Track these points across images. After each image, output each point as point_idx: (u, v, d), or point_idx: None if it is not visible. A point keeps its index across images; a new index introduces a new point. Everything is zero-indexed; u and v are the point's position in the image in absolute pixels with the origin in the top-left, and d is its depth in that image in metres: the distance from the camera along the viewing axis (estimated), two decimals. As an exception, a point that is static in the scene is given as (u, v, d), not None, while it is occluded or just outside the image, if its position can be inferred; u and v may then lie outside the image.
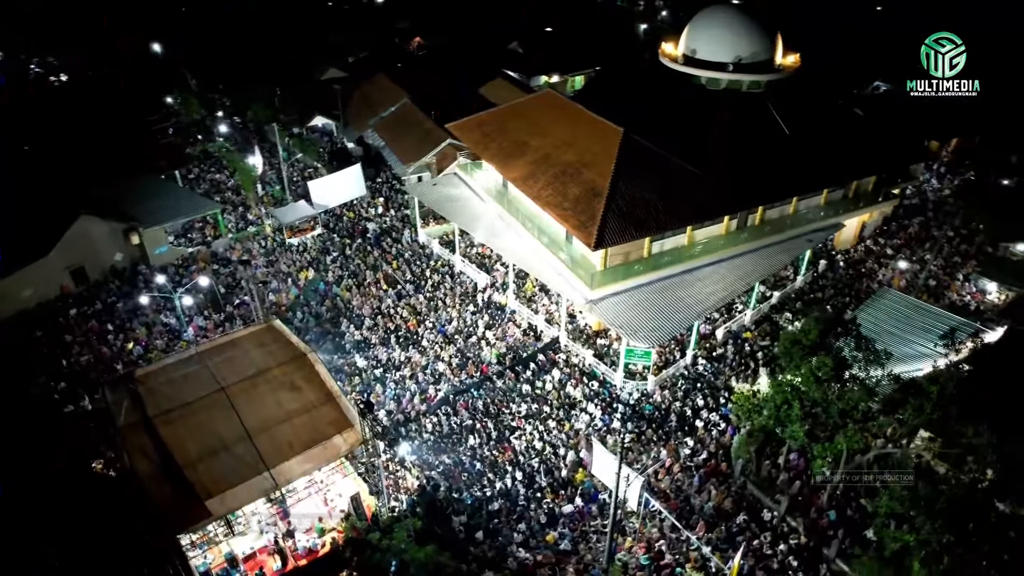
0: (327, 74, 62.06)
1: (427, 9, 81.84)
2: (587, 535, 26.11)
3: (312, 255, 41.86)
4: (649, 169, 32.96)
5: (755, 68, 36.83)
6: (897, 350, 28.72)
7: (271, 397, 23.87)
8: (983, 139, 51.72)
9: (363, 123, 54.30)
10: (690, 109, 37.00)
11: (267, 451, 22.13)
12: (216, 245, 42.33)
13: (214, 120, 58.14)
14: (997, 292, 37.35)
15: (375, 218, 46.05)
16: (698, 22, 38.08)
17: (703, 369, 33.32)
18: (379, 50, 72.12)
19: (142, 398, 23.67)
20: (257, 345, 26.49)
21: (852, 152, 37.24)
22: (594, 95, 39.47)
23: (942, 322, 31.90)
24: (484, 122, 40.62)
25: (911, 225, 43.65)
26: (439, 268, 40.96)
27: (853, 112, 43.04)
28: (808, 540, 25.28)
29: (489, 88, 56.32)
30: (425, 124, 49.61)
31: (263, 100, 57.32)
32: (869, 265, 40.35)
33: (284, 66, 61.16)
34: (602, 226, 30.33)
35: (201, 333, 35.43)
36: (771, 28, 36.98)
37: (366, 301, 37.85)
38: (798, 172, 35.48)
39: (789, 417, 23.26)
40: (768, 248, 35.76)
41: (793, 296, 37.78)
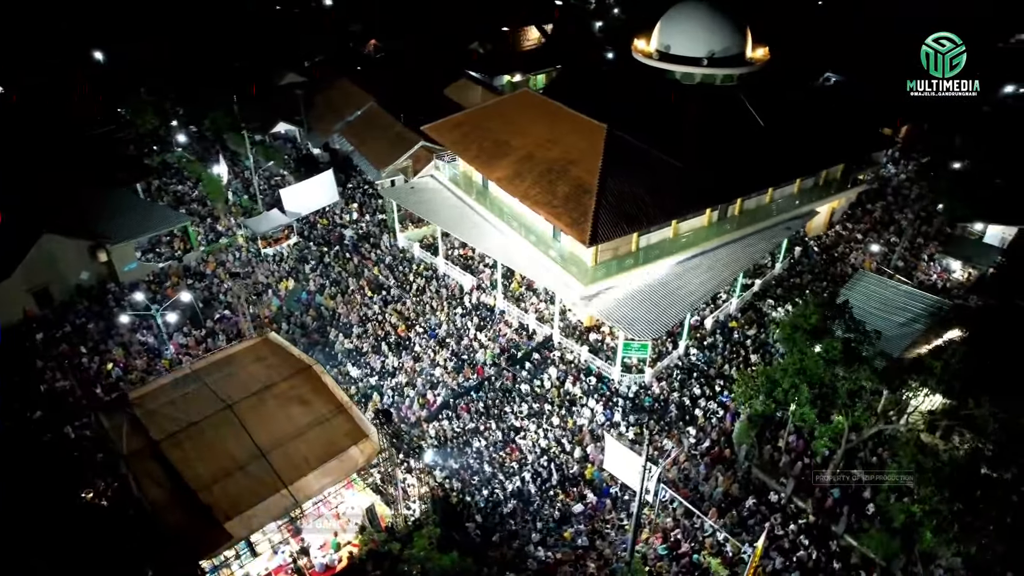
0: (286, 79, 60.65)
1: (381, 11, 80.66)
2: (603, 529, 26.25)
3: (290, 264, 40.81)
4: (634, 164, 33.35)
5: (728, 62, 37.74)
6: (883, 330, 29.84)
7: (280, 412, 23.15)
8: (930, 125, 54.30)
9: (328, 128, 53.25)
10: (666, 104, 37.59)
11: (283, 468, 21.46)
12: (188, 259, 40.83)
13: (169, 130, 56.18)
14: (961, 270, 39.24)
15: (350, 224, 45.20)
16: (671, 18, 38.75)
17: (695, 359, 33.93)
18: (334, 54, 70.95)
19: (142, 422, 22.60)
20: (256, 360, 25.64)
21: (821, 141, 38.51)
22: (563, 93, 39.55)
23: (917, 301, 33.32)
24: (461, 123, 40.37)
25: (875, 210, 45.49)
26: (422, 272, 40.52)
27: (819, 103, 44.48)
28: (817, 519, 26.07)
29: (454, 89, 56.08)
30: (395, 127, 48.99)
31: (221, 108, 55.74)
32: (841, 250, 41.86)
33: (240, 72, 59.41)
34: (595, 222, 30.53)
35: (183, 351, 34.14)
36: (741, 22, 37.90)
37: (352, 309, 37.15)
38: (773, 162, 36.46)
39: (798, 400, 23.90)
40: (749, 237, 36.65)
41: (774, 283, 38.87)
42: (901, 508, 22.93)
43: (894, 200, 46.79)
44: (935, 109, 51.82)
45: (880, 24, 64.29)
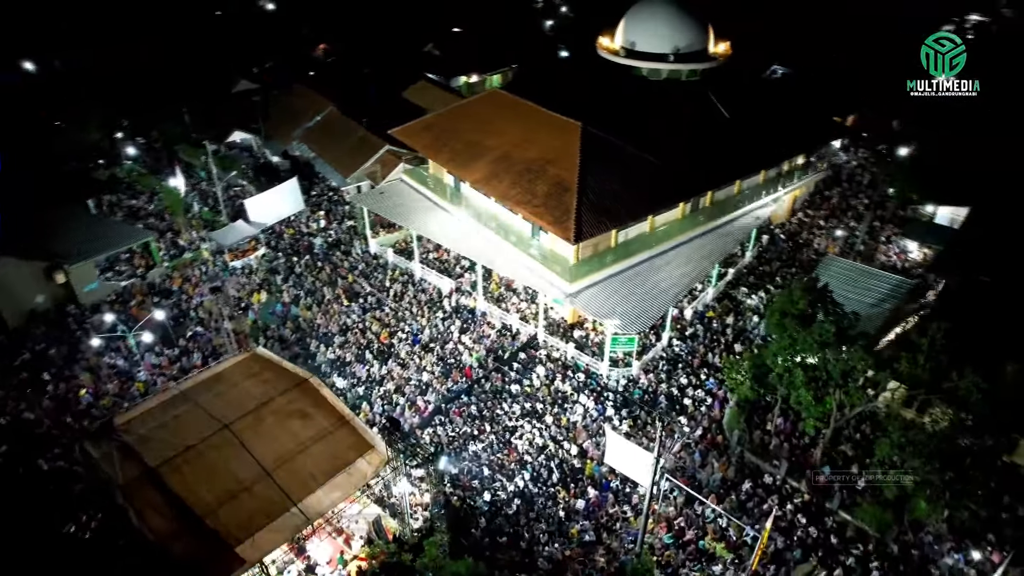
0: (238, 86, 58.89)
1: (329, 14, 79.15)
2: (608, 523, 26.47)
3: (261, 277, 39.65)
4: (610, 161, 33.75)
5: (692, 58, 38.58)
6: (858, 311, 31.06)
7: (281, 429, 22.47)
8: (872, 113, 56.76)
9: (287, 135, 52.06)
10: (635, 100, 38.19)
11: (290, 486, 20.84)
12: (152, 276, 39.22)
13: (114, 142, 53.90)
14: (917, 250, 41.16)
15: (319, 232, 44.23)
16: (635, 16, 39.37)
17: (678, 349, 34.55)
18: (284, 59, 69.24)
19: (135, 449, 21.58)
20: (247, 376, 24.80)
21: (783, 132, 39.80)
22: (529, 92, 39.57)
23: (883, 281, 34.91)
24: (431, 125, 40.05)
25: (832, 196, 47.28)
26: (398, 277, 39.99)
27: (778, 95, 45.89)
28: (811, 497, 26.94)
29: (413, 92, 55.57)
30: (358, 132, 48.23)
31: (172, 117, 53.84)
32: (804, 236, 43.32)
33: (190, 80, 57.41)
34: (578, 220, 30.77)
35: (157, 371, 32.79)
36: (703, 19, 38.79)
37: (331, 319, 36.38)
38: (741, 154, 37.48)
39: (793, 384, 24.64)
40: (721, 228, 37.57)
41: (745, 271, 39.92)
42: (893, 481, 23.98)
43: (848, 186, 48.73)
44: (880, 98, 54.56)
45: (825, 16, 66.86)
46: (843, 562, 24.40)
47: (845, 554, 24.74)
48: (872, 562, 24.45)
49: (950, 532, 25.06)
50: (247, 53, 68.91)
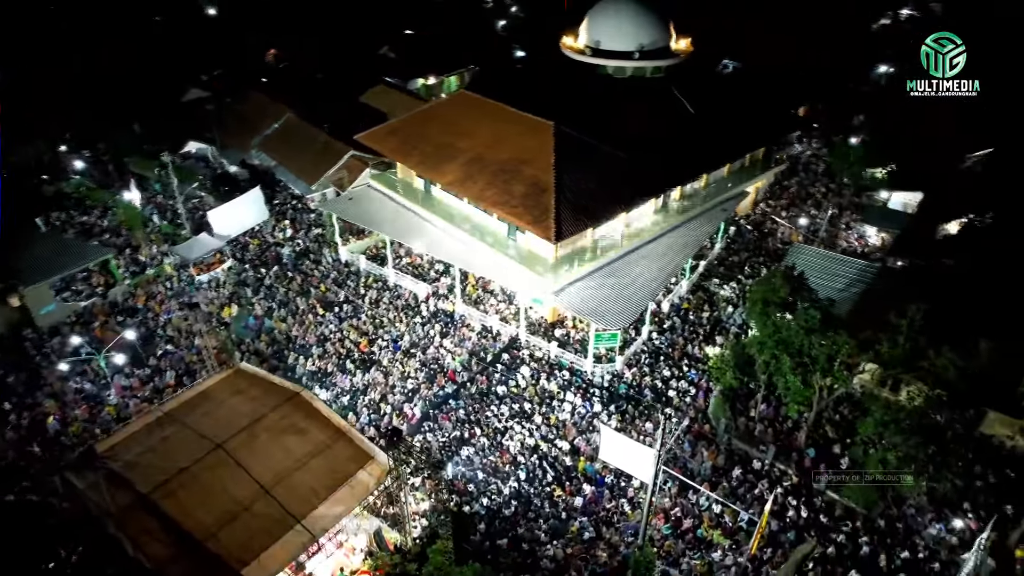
0: (188, 95, 56.98)
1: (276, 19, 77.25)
2: (607, 518, 26.67)
3: (229, 290, 38.49)
4: (585, 159, 34.00)
5: (656, 55, 39.19)
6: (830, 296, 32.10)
7: (276, 445, 21.85)
8: (824, 105, 58.83)
9: (245, 144, 50.63)
10: (602, 98, 38.59)
11: (291, 503, 20.31)
12: (113, 294, 37.63)
13: (58, 156, 51.61)
14: (876, 235, 42.82)
15: (286, 242, 43.20)
16: (598, 14, 39.74)
17: (658, 342, 35.06)
18: (233, 66, 67.29)
19: (124, 475, 20.67)
20: (234, 393, 24.04)
21: (746, 125, 40.83)
22: (493, 93, 39.53)
23: (849, 267, 36.09)
24: (398, 129, 39.61)
25: (791, 186, 48.75)
26: (372, 284, 39.40)
27: (737, 89, 47.02)
28: (799, 479, 27.72)
29: (371, 96, 54.77)
30: (319, 138, 47.23)
31: (120, 128, 51.88)
32: (768, 226, 44.53)
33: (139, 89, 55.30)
34: (558, 219, 30.89)
35: (128, 394, 31.49)
36: (666, 16, 39.47)
37: (307, 330, 35.59)
38: (708, 148, 38.30)
39: (780, 370, 25.30)
40: (692, 221, 38.25)
41: (716, 263, 40.78)
42: (878, 457, 24.87)
43: (805, 175, 50.34)
44: (828, 90, 56.65)
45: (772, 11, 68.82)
46: (835, 539, 25.21)
47: (836, 532, 25.57)
48: (861, 537, 25.34)
49: (930, 504, 26.19)
50: (194, 60, 66.80)
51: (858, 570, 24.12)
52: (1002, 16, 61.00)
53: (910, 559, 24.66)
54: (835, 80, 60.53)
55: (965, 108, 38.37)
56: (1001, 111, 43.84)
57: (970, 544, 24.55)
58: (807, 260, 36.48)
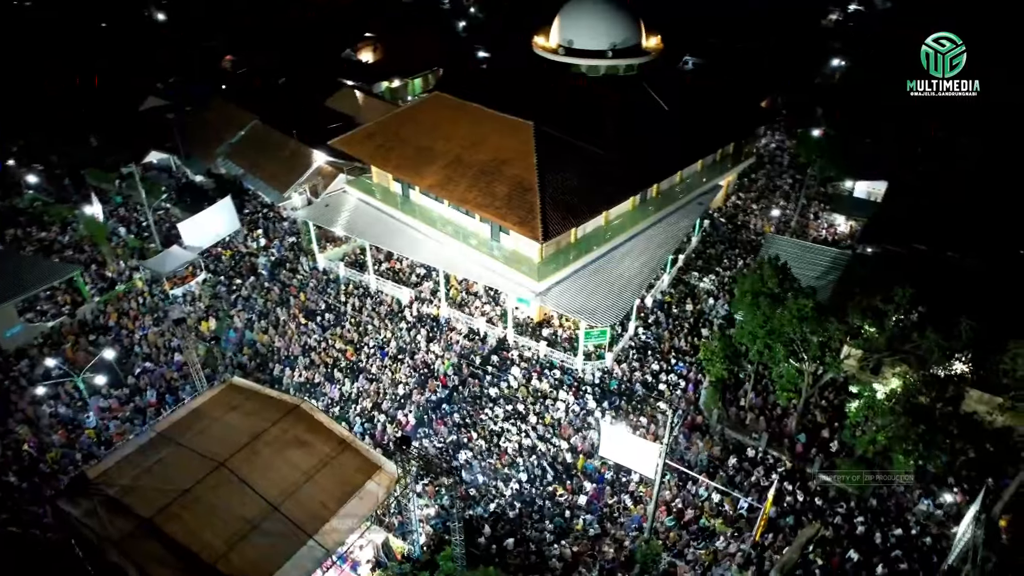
0: (146, 104, 55.16)
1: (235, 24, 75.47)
2: (610, 514, 26.85)
3: (205, 303, 37.42)
4: (566, 158, 34.14)
5: (628, 53, 39.61)
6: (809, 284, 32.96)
7: (279, 460, 21.33)
8: (784, 99, 60.39)
9: (210, 153, 49.32)
10: (578, 96, 38.83)
11: (301, 518, 19.86)
12: (82, 313, 36.20)
13: (7, 170, 49.46)
14: (844, 223, 44.12)
15: (260, 251, 42.21)
16: (570, 14, 39.98)
17: (644, 337, 35.45)
18: (189, 73, 65.48)
19: (122, 501, 19.87)
20: (229, 409, 23.36)
21: (717, 120, 41.59)
22: (469, 94, 39.41)
23: (824, 255, 37.06)
24: (374, 133, 39.10)
25: (759, 178, 49.85)
26: (353, 291, 38.83)
27: (705, 84, 47.81)
28: (793, 465, 28.38)
29: (337, 99, 54.04)
30: (288, 144, 46.37)
31: (75, 140, 50.01)
32: (741, 218, 45.45)
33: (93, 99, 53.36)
34: (544, 218, 30.93)
35: (107, 415, 30.34)
36: (636, 14, 39.92)
37: (291, 341, 34.86)
38: (683, 143, 38.88)
39: (774, 359, 25.84)
40: (671, 216, 38.78)
41: (694, 256, 41.43)
42: (868, 439, 25.63)
43: (772, 168, 51.55)
44: (788, 84, 58.14)
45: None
46: (831, 521, 25.88)
47: (832, 514, 26.26)
48: (856, 517, 26.08)
49: (917, 481, 27.12)
50: (148, 68, 64.80)
51: (855, 549, 24.85)
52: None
53: (903, 536, 25.51)
54: (793, 73, 62.32)
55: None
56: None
57: (957, 518, 25.63)
58: (783, 250, 37.25)
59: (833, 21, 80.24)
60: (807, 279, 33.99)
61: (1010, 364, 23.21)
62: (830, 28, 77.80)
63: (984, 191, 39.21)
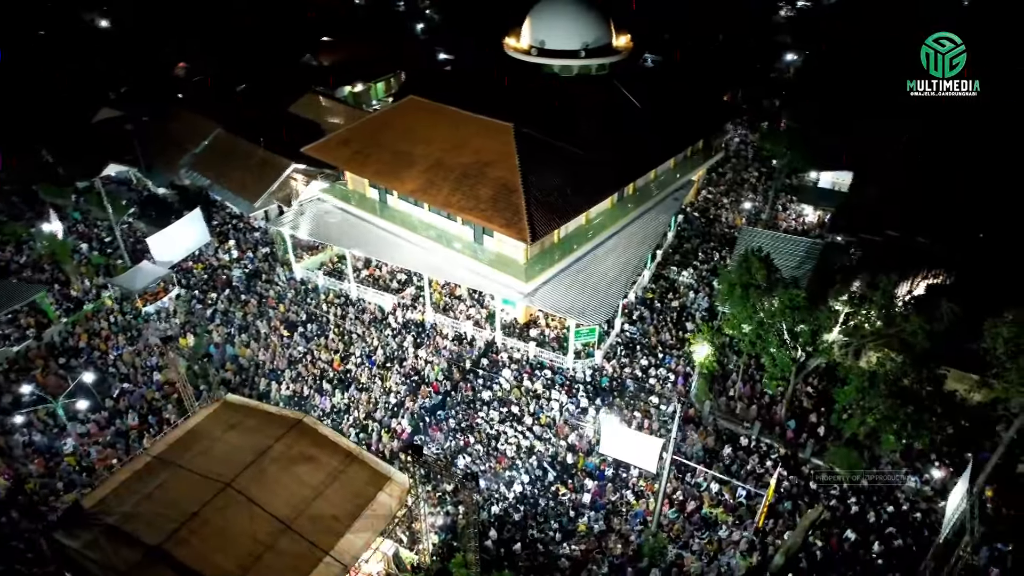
0: (99, 115, 53.04)
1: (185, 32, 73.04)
2: (614, 510, 27.05)
3: (181, 319, 36.24)
4: (547, 158, 34.29)
5: (600, 52, 39.92)
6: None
7: (287, 477, 20.81)
8: (743, 93, 61.83)
9: (172, 164, 47.83)
10: (552, 97, 38.96)
11: (315, 535, 19.42)
12: (48, 335, 34.63)
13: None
14: (813, 213, 45.44)
15: (233, 264, 41.08)
16: (541, 15, 40.05)
17: (630, 333, 35.82)
18: (141, 82, 63.14)
19: (125, 529, 19.09)
20: (228, 427, 22.68)
21: (686, 116, 42.33)
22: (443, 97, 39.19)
23: (799, 245, 38.07)
24: (349, 139, 38.53)
25: (726, 172, 50.93)
26: (333, 300, 38.16)
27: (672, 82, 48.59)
28: (786, 451, 29.10)
29: (301, 106, 53.25)
30: (256, 153, 45.29)
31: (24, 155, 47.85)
32: (713, 212, 46.37)
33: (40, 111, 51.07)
34: (531, 219, 31.01)
35: (87, 441, 29.10)
36: (606, 13, 40.29)
37: (275, 354, 34.04)
38: (657, 139, 39.45)
39: (767, 348, 26.44)
40: (649, 212, 39.30)
41: (671, 251, 42.07)
42: (857, 422, 26.46)
43: (737, 161, 52.74)
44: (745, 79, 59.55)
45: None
46: (826, 503, 26.64)
47: (826, 496, 27.04)
48: (850, 498, 26.92)
49: (902, 459, 28.16)
50: (94, 78, 62.27)
51: (852, 529, 25.66)
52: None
53: (895, 512, 26.45)
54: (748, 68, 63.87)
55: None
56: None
57: (943, 492, 26.70)
58: (759, 242, 38.20)
59: (784, 17, 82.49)
60: (785, 269, 34.86)
61: (990, 343, 24.18)
62: (781, 24, 79.92)
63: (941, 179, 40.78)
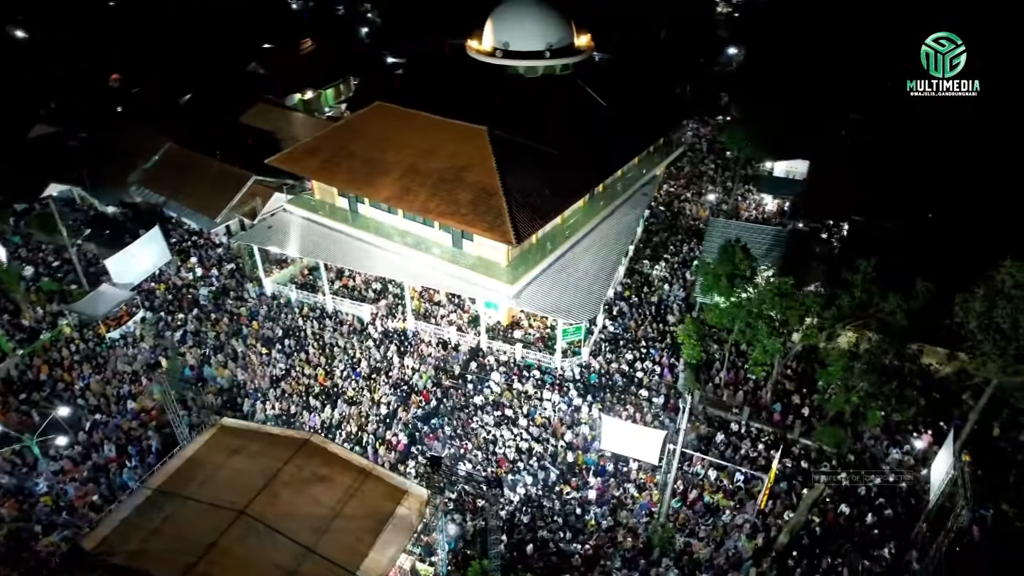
0: (34, 131, 50.02)
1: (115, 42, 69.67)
2: (618, 505, 27.35)
3: (151, 343, 34.59)
4: (521, 160, 34.34)
5: (563, 52, 40.25)
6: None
7: (302, 499, 20.17)
8: (692, 89, 63.47)
9: (121, 181, 45.62)
10: (520, 98, 39.04)
11: (339, 555, 18.90)
12: (4, 370, 32.50)
13: None
14: (772, 202, 47.04)
15: (198, 282, 39.48)
16: (503, 17, 40.06)
17: (612, 329, 36.26)
18: (73, 95, 59.86)
19: (133, 568, 18.11)
20: (231, 453, 21.81)
21: (647, 112, 43.14)
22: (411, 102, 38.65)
23: (765, 234, 39.26)
24: (316, 148, 37.60)
25: (684, 166, 52.18)
26: (308, 314, 37.19)
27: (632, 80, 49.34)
28: (775, 433, 30.05)
29: (253, 115, 51.67)
30: (212, 166, 43.68)
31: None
32: (677, 205, 47.43)
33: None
34: (514, 221, 30.98)
35: (62, 478, 27.46)
36: (568, 14, 40.64)
37: (256, 373, 32.92)
38: (624, 136, 40.04)
39: (757, 335, 27.24)
40: (620, 209, 39.85)
41: (641, 245, 42.80)
42: (841, 400, 27.57)
43: (693, 155, 54.11)
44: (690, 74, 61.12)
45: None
46: (818, 480, 27.66)
47: (817, 473, 28.08)
48: (840, 473, 28.03)
49: (883, 432, 29.53)
50: (23, 92, 58.72)
51: (845, 503, 26.75)
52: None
53: (883, 484, 27.69)
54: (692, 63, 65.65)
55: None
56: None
57: (924, 461, 28.11)
58: (727, 232, 39.29)
59: (724, 14, 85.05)
60: (757, 257, 36.14)
61: (962, 317, 25.51)
62: (722, 20, 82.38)
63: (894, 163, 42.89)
